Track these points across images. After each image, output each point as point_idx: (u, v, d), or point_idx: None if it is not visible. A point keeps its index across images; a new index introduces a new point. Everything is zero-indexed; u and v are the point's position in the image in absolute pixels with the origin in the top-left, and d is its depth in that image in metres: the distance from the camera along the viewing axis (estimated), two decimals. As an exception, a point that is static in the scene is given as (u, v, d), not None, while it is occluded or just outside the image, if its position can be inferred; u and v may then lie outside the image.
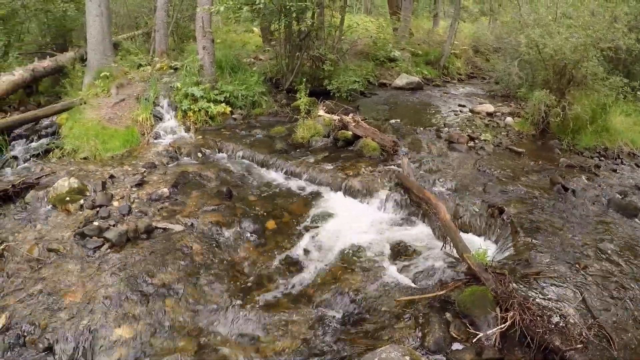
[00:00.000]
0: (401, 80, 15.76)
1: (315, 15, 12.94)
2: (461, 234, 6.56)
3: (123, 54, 14.28)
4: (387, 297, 5.68)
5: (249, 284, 6.13)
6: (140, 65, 13.26)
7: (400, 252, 6.72)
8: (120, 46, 14.96)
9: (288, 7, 11.19)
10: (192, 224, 7.14)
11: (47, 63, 13.59)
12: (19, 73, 12.20)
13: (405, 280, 6.08)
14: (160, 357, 4.96)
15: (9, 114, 11.34)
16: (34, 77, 12.85)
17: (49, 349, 5.04)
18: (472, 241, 6.74)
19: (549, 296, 5.46)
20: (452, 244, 6.35)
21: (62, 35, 16.66)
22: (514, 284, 5.33)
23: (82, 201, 7.58)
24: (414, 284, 6.01)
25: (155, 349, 5.07)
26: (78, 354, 5.03)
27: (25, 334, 5.19)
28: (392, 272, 6.24)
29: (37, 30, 17.06)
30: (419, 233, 7.19)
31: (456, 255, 6.23)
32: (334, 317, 5.51)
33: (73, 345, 5.07)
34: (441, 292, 5.53)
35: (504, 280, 5.28)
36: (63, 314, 5.42)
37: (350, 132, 9.88)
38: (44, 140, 10.32)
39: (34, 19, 16.37)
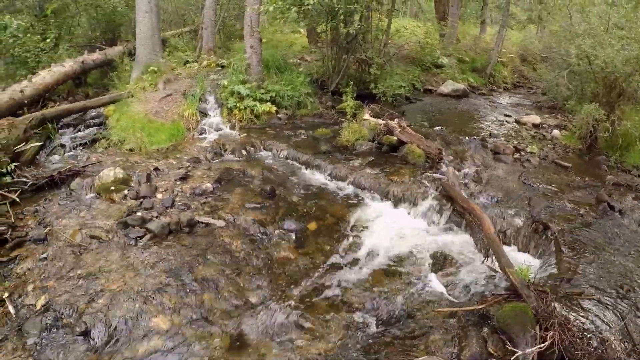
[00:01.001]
0: (447, 87, 15.54)
1: (363, 18, 12.84)
2: (504, 247, 6.39)
3: (171, 50, 14.40)
4: (425, 307, 5.55)
5: (288, 284, 6.05)
6: (187, 62, 13.36)
7: (441, 262, 6.54)
8: (168, 42, 15.09)
9: (336, 9, 11.11)
10: (234, 221, 7.10)
11: (96, 56, 13.81)
12: (69, 64, 12.44)
13: (444, 291, 5.92)
14: (194, 350, 4.95)
15: (58, 103, 11.57)
16: (83, 69, 13.11)
17: (85, 333, 5.09)
18: (514, 256, 6.49)
19: (590, 318, 5.21)
20: (494, 258, 6.16)
21: (111, 29, 16.91)
22: (555, 303, 5.12)
23: (126, 191, 7.67)
24: (453, 295, 5.85)
25: (190, 341, 5.05)
26: (113, 340, 5.05)
27: (63, 316, 5.28)
28: (431, 281, 6.09)
29: (87, 24, 17.34)
30: (461, 244, 6.99)
31: (498, 269, 6.04)
32: (370, 323, 5.41)
33: (109, 331, 5.12)
34: (481, 306, 5.35)
35: (546, 299, 5.08)
36: (101, 300, 5.47)
37: (395, 138, 9.72)
38: (91, 130, 10.54)
39: (84, 14, 16.65)
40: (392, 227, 7.34)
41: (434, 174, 8.61)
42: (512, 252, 6.65)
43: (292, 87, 11.92)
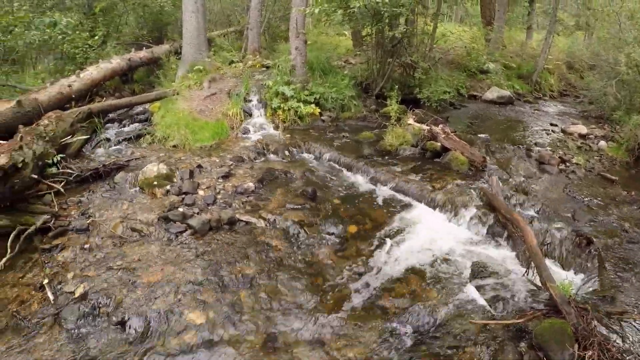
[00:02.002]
0: (492, 93, 15.24)
1: (408, 21, 12.71)
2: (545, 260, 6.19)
3: (216, 49, 14.52)
4: (462, 318, 5.39)
5: (325, 287, 5.94)
6: (232, 62, 13.46)
7: (480, 272, 6.33)
8: (213, 42, 15.22)
9: (382, 12, 11.01)
10: (274, 221, 7.07)
11: (142, 54, 14.03)
12: (116, 61, 12.67)
13: (482, 302, 5.72)
14: (228, 346, 4.92)
15: (104, 98, 11.77)
16: (130, 66, 13.34)
17: (121, 323, 5.15)
18: (555, 270, 6.28)
19: (631, 339, 5.01)
20: (536, 271, 5.95)
21: (158, 28, 17.16)
22: (596, 322, 4.93)
23: (168, 187, 7.74)
24: (491, 307, 5.65)
25: (224, 338, 5.03)
26: (148, 332, 5.08)
27: (101, 305, 5.35)
28: (470, 292, 5.90)
29: (134, 22, 17.67)
30: (501, 255, 6.77)
31: (538, 283, 5.85)
32: (405, 331, 5.25)
33: (145, 323, 5.15)
34: (519, 321, 5.18)
35: (586, 317, 4.90)
36: (139, 291, 5.54)
37: (439, 144, 9.54)
38: (136, 126, 10.68)
39: (132, 12, 16.95)
40: (433, 234, 7.18)
41: (477, 183, 8.42)
42: (553, 266, 6.44)
43: (337, 89, 11.84)
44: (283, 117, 10.91)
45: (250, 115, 11.03)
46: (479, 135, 11.23)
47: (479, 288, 5.97)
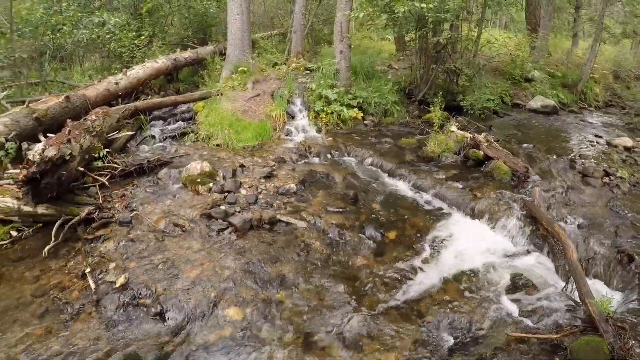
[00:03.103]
0: (536, 102, 14.91)
1: (453, 27, 12.59)
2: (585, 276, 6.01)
3: (260, 51, 14.62)
4: (498, 329, 5.30)
5: (363, 290, 5.89)
6: (275, 64, 13.55)
7: (519, 284, 6.19)
8: (257, 44, 15.32)
9: (426, 17, 10.92)
10: (315, 222, 7.04)
11: (187, 54, 14.23)
12: (162, 61, 12.88)
13: (519, 315, 5.60)
14: (264, 344, 4.91)
15: (150, 96, 11.98)
16: (175, 65, 13.55)
17: (160, 315, 5.22)
18: (594, 286, 6.09)
19: None
20: (575, 286, 5.79)
21: (202, 29, 17.42)
22: (633, 341, 4.78)
23: (211, 185, 7.80)
24: (528, 320, 5.51)
25: (261, 335, 5.03)
26: (186, 324, 5.12)
27: (140, 296, 5.45)
28: (507, 303, 5.79)
29: (179, 24, 17.91)
30: (540, 267, 6.61)
31: (577, 298, 5.68)
32: (441, 338, 5.17)
33: (183, 315, 5.22)
34: (555, 336, 5.04)
35: (624, 335, 4.74)
36: (179, 285, 5.60)
37: (481, 152, 9.38)
38: (180, 124, 10.82)
39: (177, 14, 17.21)
40: (472, 243, 7.06)
41: (519, 193, 8.26)
42: (592, 282, 6.27)
43: (380, 94, 11.77)
44: (326, 120, 10.88)
45: (293, 117, 11.04)
46: (522, 144, 11.04)
47: (516, 300, 5.86)
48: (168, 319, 5.17)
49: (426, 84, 12.81)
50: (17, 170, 6.67)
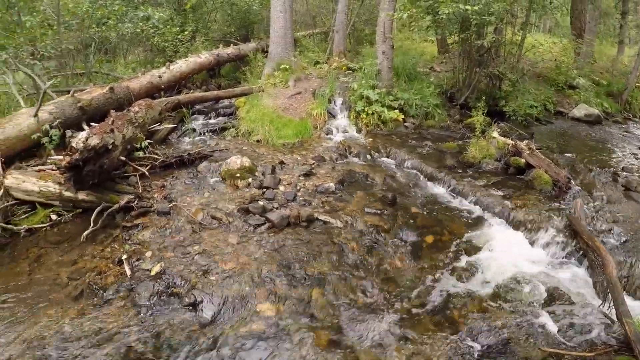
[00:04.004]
0: (579, 110, 14.49)
1: (496, 30, 12.38)
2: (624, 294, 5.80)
3: (301, 49, 14.63)
4: (531, 343, 5.13)
5: (396, 293, 5.80)
6: (317, 63, 13.55)
7: (554, 297, 6.01)
8: (299, 42, 15.35)
9: (470, 20, 10.76)
10: (352, 223, 6.95)
11: (230, 50, 14.36)
12: (204, 56, 13.04)
13: (553, 329, 5.42)
14: (294, 341, 4.87)
15: (192, 90, 12.15)
16: (218, 61, 13.72)
17: (193, 305, 5.24)
18: (633, 305, 5.93)
19: None
20: (612, 304, 5.61)
21: (245, 26, 17.60)
22: None
23: (250, 180, 7.81)
24: (562, 336, 5.35)
25: (291, 332, 4.99)
26: (219, 316, 5.13)
27: (175, 286, 5.49)
28: (541, 317, 5.60)
29: (222, 20, 18.06)
30: (578, 282, 6.39)
31: (614, 317, 5.47)
32: (472, 347, 5.04)
33: (216, 307, 5.23)
34: (589, 354, 4.87)
35: None
36: (213, 277, 5.61)
37: (523, 160, 9.17)
38: (221, 119, 10.95)
39: (220, 10, 17.35)
40: (509, 253, 6.88)
41: (560, 204, 8.06)
42: (631, 301, 6.06)
43: (421, 96, 11.62)
44: (366, 121, 10.79)
45: (334, 116, 11.00)
46: (564, 154, 10.80)
47: (551, 314, 5.68)
48: (201, 310, 5.18)
49: (468, 88, 12.62)
50: (61, 157, 6.83)
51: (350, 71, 12.91)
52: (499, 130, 10.66)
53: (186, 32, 15.04)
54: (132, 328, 4.89)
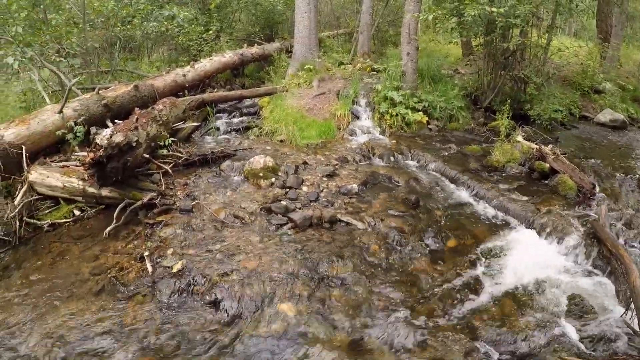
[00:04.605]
0: (604, 115, 14.20)
1: (521, 33, 12.24)
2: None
3: (325, 50, 14.62)
4: (551, 351, 5.06)
5: (417, 297, 5.75)
6: (341, 63, 13.54)
7: (576, 305, 5.88)
8: (323, 43, 15.34)
9: (495, 22, 10.64)
10: (374, 225, 6.89)
11: (254, 50, 14.41)
12: (229, 55, 13.12)
13: (574, 338, 5.32)
14: (314, 342, 4.86)
15: (215, 89, 12.21)
16: (242, 60, 13.79)
17: (213, 303, 5.27)
18: None
19: None
20: (635, 313, 5.51)
21: (269, 26, 17.68)
22: None
23: (273, 179, 7.80)
24: (583, 345, 5.25)
25: (311, 333, 4.97)
26: (239, 315, 5.13)
27: (196, 283, 5.51)
28: (563, 325, 5.49)
29: (246, 20, 18.14)
30: (600, 291, 6.24)
31: (636, 327, 5.36)
32: (492, 354, 4.99)
33: (237, 306, 5.23)
34: None
35: None
36: (235, 276, 5.61)
37: (547, 165, 9.03)
38: (244, 118, 10.95)
39: (245, 10, 17.44)
40: (532, 259, 6.75)
41: (584, 210, 7.93)
42: None
43: (446, 99, 11.51)
44: (390, 123, 10.71)
45: (358, 117, 10.95)
46: (589, 159, 10.63)
47: (572, 322, 5.57)
48: (221, 308, 5.19)
49: (493, 91, 12.48)
50: (85, 153, 6.88)
51: (375, 72, 12.84)
52: (523, 134, 10.54)
53: (210, 32, 15.12)
54: (152, 324, 4.93)
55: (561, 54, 13.86)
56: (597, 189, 8.69)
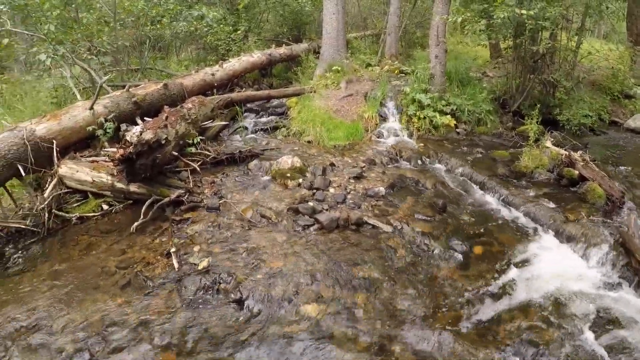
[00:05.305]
0: (635, 121, 13.85)
1: (551, 36, 12.06)
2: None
3: (353, 51, 14.60)
4: None
5: (442, 303, 5.69)
6: (368, 65, 13.49)
7: (603, 317, 5.76)
8: (350, 44, 15.32)
9: (525, 24, 10.51)
10: (401, 228, 6.84)
11: (282, 50, 14.47)
12: (257, 55, 13.19)
13: (600, 351, 5.20)
14: (337, 344, 4.84)
15: (243, 89, 12.27)
16: (270, 61, 13.86)
17: (238, 302, 5.27)
18: None
19: None
20: None
21: (297, 27, 17.70)
22: None
23: (300, 180, 7.80)
24: (608, 357, 5.17)
25: (335, 336, 4.95)
26: (264, 314, 5.13)
27: (221, 281, 5.53)
28: (588, 337, 5.39)
29: (273, 20, 18.22)
30: (628, 303, 6.12)
31: None
32: None
33: (261, 305, 5.23)
34: None
35: None
36: (260, 275, 5.63)
37: (576, 172, 8.88)
38: (272, 118, 11.00)
39: (273, 11, 17.54)
40: (559, 269, 6.63)
41: (613, 220, 7.77)
42: None
43: (474, 102, 11.40)
44: (418, 125, 10.65)
45: (385, 119, 10.89)
46: (618, 167, 10.44)
47: (598, 334, 5.46)
48: (246, 306, 5.20)
49: (522, 95, 12.30)
50: (114, 149, 6.95)
51: (402, 74, 12.76)
52: (552, 139, 10.38)
53: (239, 32, 15.23)
54: (176, 320, 4.96)
55: (591, 57, 13.66)
56: (627, 197, 8.52)
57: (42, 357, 4.47)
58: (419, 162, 9.41)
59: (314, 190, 7.53)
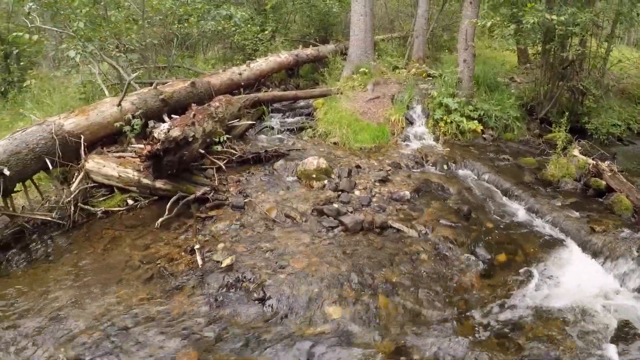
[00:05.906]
0: None
1: (581, 42, 11.89)
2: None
3: (380, 53, 14.56)
4: None
5: (464, 310, 5.65)
6: (396, 67, 13.42)
7: (625, 332, 5.63)
8: (377, 46, 15.27)
9: (555, 30, 10.37)
10: (425, 233, 6.79)
11: (309, 51, 14.52)
12: (284, 56, 13.25)
13: None
14: (358, 347, 4.81)
15: (270, 89, 12.33)
16: (297, 61, 13.93)
17: (261, 300, 5.26)
18: None
19: None
20: None
21: (324, 28, 17.77)
22: None
23: (326, 182, 7.79)
24: None
25: (356, 338, 4.93)
26: (286, 314, 5.13)
27: (244, 280, 5.53)
28: (609, 351, 5.24)
29: (301, 21, 18.28)
30: None
31: None
32: None
33: (284, 305, 5.22)
34: None
35: None
36: (283, 275, 5.61)
37: (603, 182, 8.73)
38: (298, 119, 11.06)
39: (300, 11, 17.59)
40: (583, 280, 6.51)
41: (639, 233, 7.63)
42: None
43: (501, 108, 11.28)
44: (444, 130, 10.58)
45: (412, 123, 10.81)
46: (647, 179, 10.26)
47: (619, 349, 5.35)
48: (268, 306, 5.19)
49: (550, 102, 12.13)
50: (142, 146, 7.03)
51: (430, 78, 12.68)
52: (579, 148, 10.22)
53: (266, 32, 15.36)
54: (198, 316, 4.98)
55: (621, 65, 13.42)
56: (654, 210, 8.36)
57: (64, 347, 4.50)
58: (445, 167, 9.32)
59: (339, 192, 7.51)
